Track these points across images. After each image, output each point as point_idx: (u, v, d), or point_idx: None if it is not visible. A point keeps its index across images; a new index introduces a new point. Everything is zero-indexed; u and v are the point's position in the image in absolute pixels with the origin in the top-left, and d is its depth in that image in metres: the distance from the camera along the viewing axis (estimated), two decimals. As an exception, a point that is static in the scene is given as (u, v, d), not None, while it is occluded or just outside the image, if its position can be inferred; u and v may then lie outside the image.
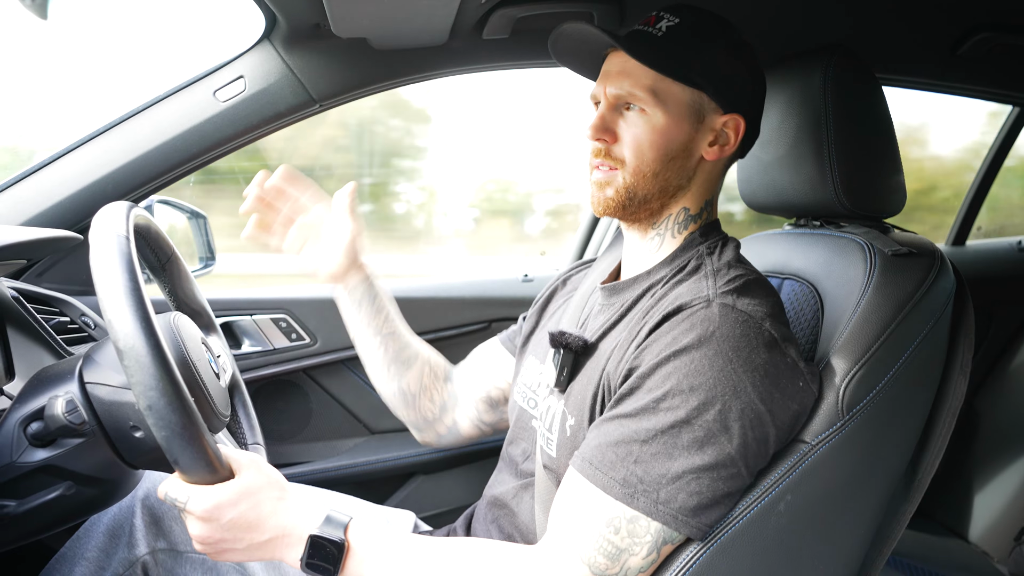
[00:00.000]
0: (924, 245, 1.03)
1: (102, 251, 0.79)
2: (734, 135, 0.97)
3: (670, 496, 0.83)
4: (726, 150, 0.97)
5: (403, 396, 1.27)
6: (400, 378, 1.26)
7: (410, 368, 1.27)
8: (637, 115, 0.95)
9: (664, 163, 0.95)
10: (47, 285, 1.39)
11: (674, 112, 0.94)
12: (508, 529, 1.09)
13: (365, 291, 1.22)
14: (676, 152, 0.95)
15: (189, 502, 0.84)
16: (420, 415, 1.29)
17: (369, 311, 1.24)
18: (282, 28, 1.40)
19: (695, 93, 0.95)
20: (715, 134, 0.97)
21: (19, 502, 0.89)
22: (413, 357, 1.28)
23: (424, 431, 1.31)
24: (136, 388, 0.75)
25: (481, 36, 1.45)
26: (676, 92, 0.94)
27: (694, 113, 0.95)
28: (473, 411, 1.30)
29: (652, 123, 0.94)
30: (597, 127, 0.96)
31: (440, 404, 1.30)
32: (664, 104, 0.94)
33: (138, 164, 1.41)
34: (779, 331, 0.88)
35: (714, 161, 0.98)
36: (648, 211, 0.99)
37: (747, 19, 1.52)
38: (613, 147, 0.96)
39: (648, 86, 0.94)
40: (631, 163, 0.96)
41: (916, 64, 1.72)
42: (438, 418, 1.30)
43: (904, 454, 0.99)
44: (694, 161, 0.97)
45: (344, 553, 0.86)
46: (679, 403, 0.83)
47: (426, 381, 1.28)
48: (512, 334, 1.31)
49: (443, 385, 1.31)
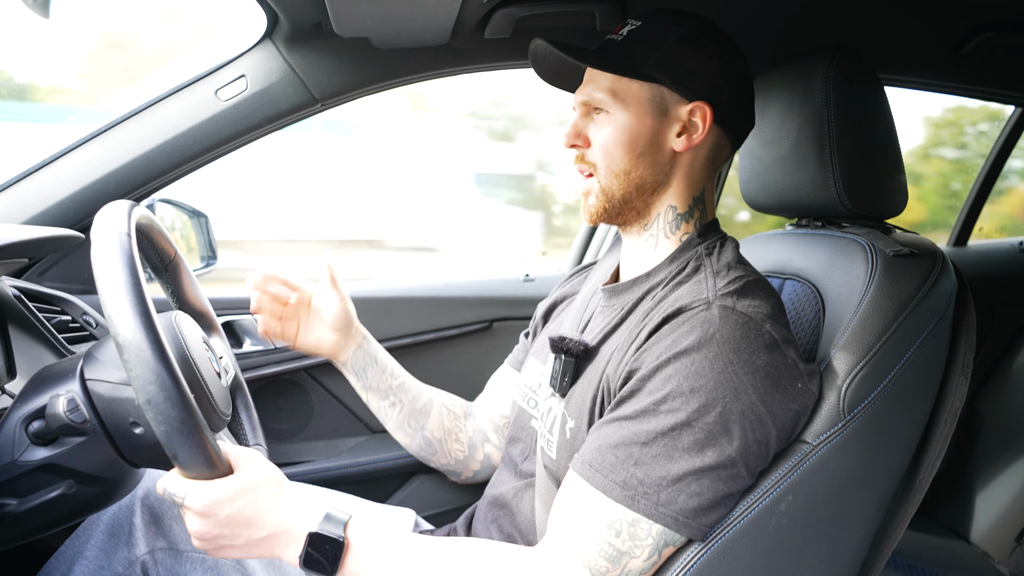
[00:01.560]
0: (925, 246, 1.03)
1: (103, 247, 0.79)
2: (702, 123, 0.98)
3: (671, 498, 0.82)
4: (695, 139, 0.98)
5: (429, 445, 1.30)
6: (423, 429, 1.29)
7: (429, 416, 1.29)
8: (604, 117, 0.99)
9: (633, 159, 0.97)
10: (49, 284, 1.39)
11: (635, 109, 0.97)
12: (508, 529, 1.09)
13: (365, 356, 1.27)
14: (643, 147, 0.97)
15: (187, 497, 0.83)
16: (451, 459, 1.31)
17: (374, 373, 1.27)
18: (284, 27, 1.40)
19: (653, 87, 0.97)
20: (682, 124, 0.98)
21: (20, 500, 0.88)
22: (429, 404, 1.30)
23: (460, 472, 1.34)
24: (135, 383, 0.75)
25: (483, 36, 1.45)
26: (634, 89, 0.97)
27: (656, 107, 0.97)
28: (500, 439, 1.31)
29: (616, 123, 0.97)
30: (569, 134, 1.01)
31: (468, 443, 1.32)
32: (624, 102, 0.97)
33: (140, 163, 1.42)
34: (779, 332, 0.88)
35: (691, 153, 0.99)
36: (634, 212, 1.00)
37: (750, 20, 1.52)
38: (586, 152, 1.00)
39: (607, 88, 0.98)
40: (602, 164, 0.98)
41: (918, 64, 1.72)
42: (469, 456, 1.32)
43: (905, 454, 0.99)
44: (666, 155, 0.98)
45: (343, 551, 0.86)
46: (679, 405, 0.83)
47: (448, 424, 1.30)
48: (517, 354, 1.32)
49: (465, 423, 1.32)
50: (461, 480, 1.35)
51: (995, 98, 1.99)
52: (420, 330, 1.72)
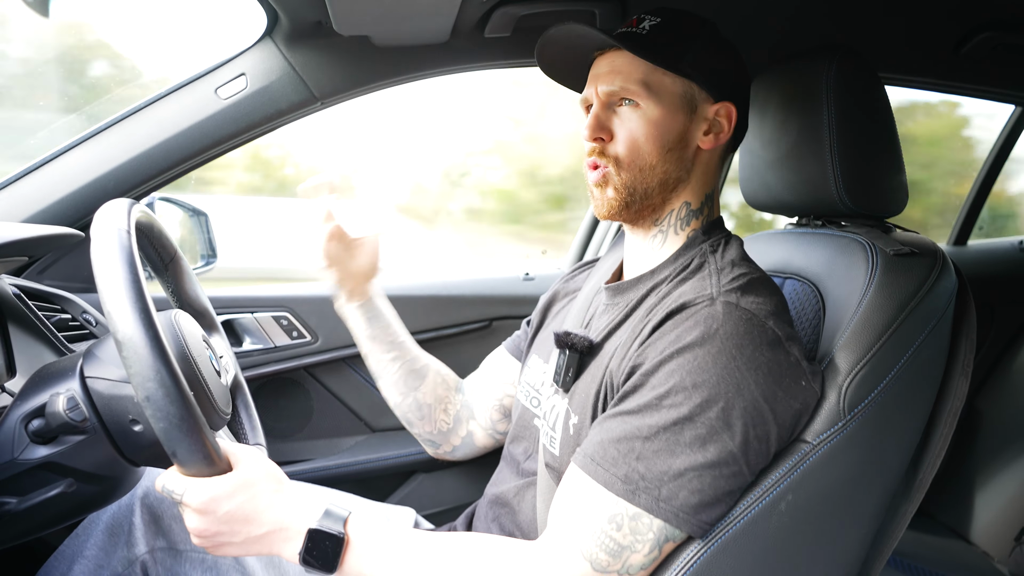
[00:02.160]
0: (926, 245, 1.03)
1: (103, 244, 0.79)
2: (727, 123, 0.98)
3: (672, 493, 0.82)
4: (721, 138, 0.99)
5: (419, 409, 1.29)
6: (416, 391, 1.28)
7: (424, 379, 1.28)
8: (631, 110, 0.96)
9: (662, 155, 0.96)
10: (49, 282, 1.39)
11: (667, 103, 0.96)
12: (509, 528, 1.09)
13: (381, 303, 1.24)
14: (673, 143, 0.97)
15: (186, 494, 0.83)
16: (435, 427, 1.30)
17: (382, 324, 1.25)
18: (284, 25, 1.40)
19: (686, 83, 0.96)
20: (708, 123, 0.98)
21: (20, 499, 0.88)
22: (425, 368, 1.29)
23: (439, 444, 1.32)
24: (134, 379, 0.75)
25: (483, 34, 1.45)
26: (668, 84, 0.96)
27: (687, 103, 0.97)
28: (487, 421, 1.31)
29: (647, 116, 0.96)
30: (593, 126, 0.97)
31: (454, 416, 1.31)
32: (657, 96, 0.96)
33: (140, 161, 1.42)
34: (782, 330, 0.88)
35: (710, 151, 0.99)
36: (651, 207, 1.00)
37: (749, 18, 1.52)
38: (608, 146, 0.97)
39: (640, 79, 0.95)
40: (627, 159, 0.97)
41: (919, 63, 1.72)
42: (452, 429, 1.31)
43: (905, 454, 0.99)
44: (691, 152, 0.98)
45: (343, 547, 0.86)
46: (682, 400, 0.83)
47: (440, 392, 1.30)
48: (516, 339, 1.32)
49: (455, 396, 1.32)
50: (438, 453, 1.34)
51: (995, 97, 1.99)
52: (420, 329, 1.72)
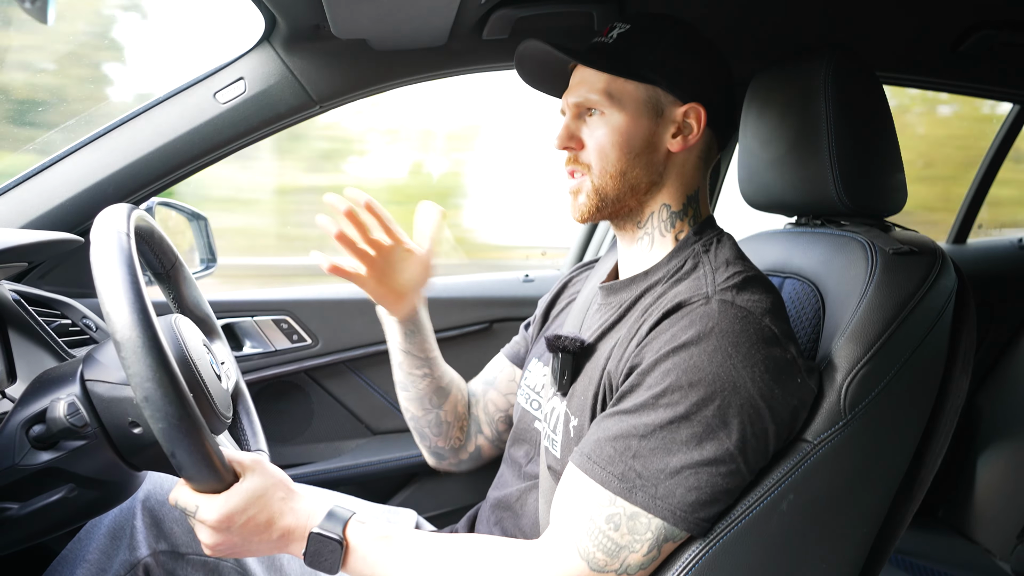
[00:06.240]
0: (925, 244, 1.03)
1: (102, 247, 0.79)
2: (696, 124, 0.99)
3: (668, 491, 0.83)
4: (690, 140, 0.99)
5: (438, 426, 1.28)
6: (439, 408, 1.27)
7: (447, 398, 1.28)
8: (598, 119, 0.99)
9: (629, 160, 0.98)
10: (48, 288, 1.39)
11: (631, 110, 0.98)
12: (512, 530, 1.09)
13: (424, 318, 1.22)
14: (639, 148, 0.98)
15: (199, 511, 0.84)
16: (448, 444, 1.30)
17: (420, 338, 1.22)
18: (282, 30, 1.40)
19: (649, 88, 0.98)
20: (677, 125, 0.99)
21: (21, 504, 0.88)
22: (450, 385, 1.28)
23: (446, 457, 1.32)
24: (133, 380, 0.75)
25: (481, 37, 1.45)
26: (630, 90, 0.98)
27: (651, 108, 0.98)
28: (493, 433, 1.31)
29: (611, 124, 0.98)
30: (562, 136, 1.01)
31: (467, 433, 1.31)
32: (620, 104, 0.98)
33: (139, 166, 1.42)
34: (779, 327, 0.88)
35: (684, 153, 1.00)
36: (626, 210, 1.01)
37: (746, 19, 1.52)
38: (580, 153, 1.00)
39: (602, 89, 0.98)
40: (597, 165, 0.99)
41: (917, 62, 1.72)
42: (463, 447, 1.31)
43: (906, 452, 0.99)
44: (660, 155, 0.99)
45: (344, 549, 0.87)
46: (678, 399, 0.83)
47: (460, 410, 1.30)
48: (515, 345, 1.32)
49: (467, 413, 1.32)
50: (440, 466, 1.33)
51: (993, 95, 2.00)
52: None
